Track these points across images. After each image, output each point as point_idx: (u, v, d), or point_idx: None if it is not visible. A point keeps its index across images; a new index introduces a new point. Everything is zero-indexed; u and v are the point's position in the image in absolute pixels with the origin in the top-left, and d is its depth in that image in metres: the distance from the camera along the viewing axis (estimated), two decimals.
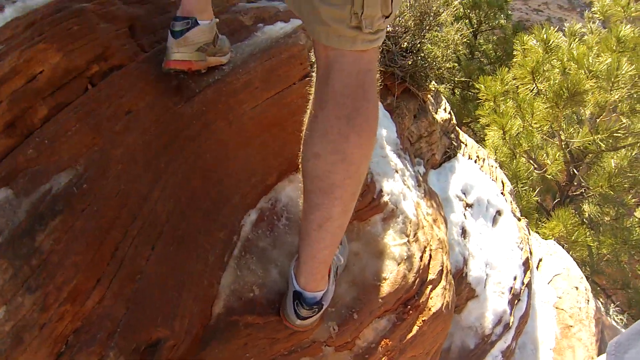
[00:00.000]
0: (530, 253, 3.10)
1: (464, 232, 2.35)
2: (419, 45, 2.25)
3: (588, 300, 3.31)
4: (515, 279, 2.54)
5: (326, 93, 0.95)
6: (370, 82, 0.97)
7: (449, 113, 2.77)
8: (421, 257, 1.63)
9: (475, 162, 2.81)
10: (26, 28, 1.13)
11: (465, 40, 2.70)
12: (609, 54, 4.41)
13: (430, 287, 1.63)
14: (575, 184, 5.59)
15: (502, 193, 2.86)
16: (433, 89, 2.54)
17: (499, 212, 2.71)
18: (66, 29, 1.16)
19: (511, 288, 2.52)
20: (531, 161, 5.51)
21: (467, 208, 2.49)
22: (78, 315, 1.02)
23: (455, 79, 2.53)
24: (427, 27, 2.33)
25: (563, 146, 5.03)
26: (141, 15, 1.36)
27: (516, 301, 2.61)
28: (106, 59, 1.23)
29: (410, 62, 2.17)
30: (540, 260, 3.35)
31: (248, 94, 1.42)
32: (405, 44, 2.27)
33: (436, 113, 2.59)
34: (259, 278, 1.35)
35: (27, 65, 1.09)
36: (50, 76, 1.12)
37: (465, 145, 2.86)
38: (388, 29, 2.24)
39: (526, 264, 2.67)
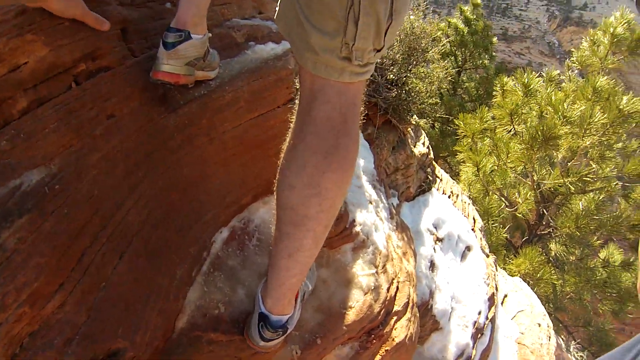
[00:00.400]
0: (496, 289, 3.16)
1: (432, 266, 2.39)
2: (404, 78, 2.32)
3: (550, 337, 3.38)
4: (479, 313, 2.59)
5: (307, 124, 0.94)
6: (352, 117, 0.96)
7: (427, 147, 2.85)
8: (388, 289, 1.65)
9: (449, 197, 2.88)
10: (17, 15, 1.09)
11: (449, 78, 2.79)
12: (584, 102, 4.62)
13: (395, 318, 1.66)
14: (544, 223, 5.76)
15: (472, 229, 2.93)
16: (414, 122, 2.61)
17: (468, 248, 2.77)
18: (57, 23, 1.14)
19: (475, 322, 2.56)
20: (503, 199, 5.66)
21: (437, 242, 2.53)
22: (36, 318, 0.98)
23: (436, 115, 2.61)
24: (414, 62, 2.41)
25: (534, 186, 5.20)
26: (135, 18, 1.35)
27: (479, 335, 2.65)
28: (94, 59, 1.21)
29: (394, 95, 2.23)
30: (505, 296, 3.41)
31: (232, 113, 1.43)
32: (392, 76, 2.34)
33: (414, 147, 2.66)
34: (225, 296, 1.34)
35: (12, 54, 1.06)
36: (35, 68, 1.09)
37: (441, 180, 2.93)
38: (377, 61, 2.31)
39: (491, 300, 2.72)
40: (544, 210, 5.40)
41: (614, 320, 5.33)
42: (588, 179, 4.64)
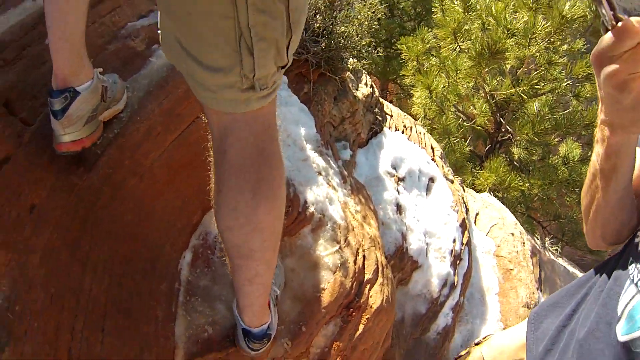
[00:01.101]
0: (467, 211, 3.22)
1: (399, 208, 2.38)
2: (331, 27, 2.18)
3: (524, 243, 3.52)
4: (454, 241, 2.63)
5: (225, 168, 0.89)
6: (270, 141, 0.90)
7: (371, 87, 2.75)
8: (355, 261, 1.66)
9: (403, 132, 2.83)
10: None
11: (379, 15, 2.64)
12: (525, 10, 4.52)
13: (368, 286, 1.68)
14: (502, 130, 5.85)
15: (432, 159, 2.91)
16: (351, 67, 2.49)
17: (431, 179, 2.76)
18: None
19: (452, 251, 2.61)
20: (460, 114, 5.68)
21: (399, 182, 2.51)
22: None
23: (374, 55, 2.48)
24: (339, 8, 2.25)
25: (488, 98, 5.22)
26: (14, 81, 1.18)
27: (458, 261, 2.72)
28: None
29: (323, 46, 2.09)
30: (477, 214, 3.49)
31: (152, 143, 1.34)
32: (317, 25, 2.19)
33: (357, 90, 2.56)
34: (208, 317, 1.37)
35: None
36: None
37: (391, 116, 2.87)
38: None
39: (463, 225, 2.77)
40: (501, 119, 5.46)
41: (579, 211, 5.61)
42: (539, 86, 4.67)
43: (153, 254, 1.32)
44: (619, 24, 0.67)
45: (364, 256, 1.73)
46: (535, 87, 4.51)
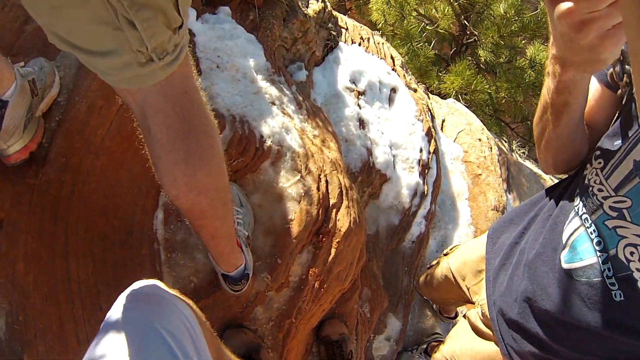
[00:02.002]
0: (433, 118, 3.19)
1: (361, 123, 2.33)
2: None
3: (491, 147, 3.55)
4: (421, 150, 2.62)
5: (154, 143, 0.87)
6: (190, 104, 0.86)
7: (322, 1, 2.56)
8: (318, 187, 1.66)
9: (360, 44, 2.70)
10: None
11: None
12: None
13: (334, 210, 1.70)
14: (468, 32, 5.69)
15: (393, 69, 2.82)
16: None
17: (393, 90, 2.69)
18: None
19: (419, 160, 2.60)
20: (421, 17, 5.46)
21: (360, 97, 2.43)
22: None
23: None
24: None
25: (451, 0, 4.99)
26: None
27: (426, 170, 2.73)
28: None
29: None
30: (443, 121, 3.47)
31: (97, 119, 1.29)
32: None
33: (307, 7, 2.38)
34: (191, 268, 1.42)
35: None
36: None
37: (347, 29, 2.71)
38: None
39: (429, 134, 2.74)
40: (466, 22, 5.28)
41: None
42: None
43: (127, 222, 1.35)
44: None
45: (326, 181, 1.72)
46: None
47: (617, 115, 0.93)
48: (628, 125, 0.83)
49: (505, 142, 4.99)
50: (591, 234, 0.87)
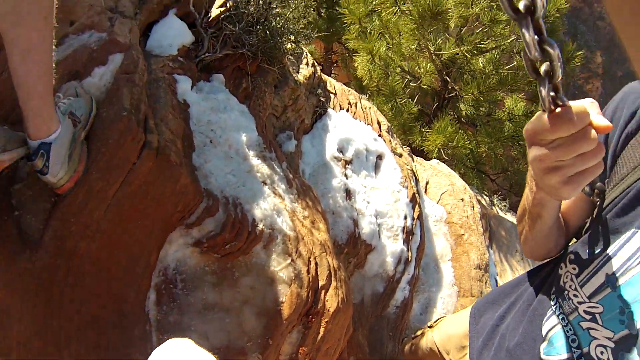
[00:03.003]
0: (417, 181, 3.24)
1: (348, 194, 2.34)
2: (265, 14, 2.02)
3: (473, 206, 3.61)
4: (405, 217, 2.64)
5: None
6: None
7: (313, 65, 2.63)
8: (308, 270, 1.67)
9: (347, 110, 2.75)
10: None
11: None
12: None
13: (323, 292, 1.72)
14: (449, 87, 5.88)
15: (380, 135, 2.87)
16: (290, 48, 2.35)
17: (379, 157, 2.73)
18: None
19: (403, 228, 2.62)
20: (405, 74, 5.64)
21: (347, 166, 2.46)
22: None
23: (312, 35, 2.34)
24: None
25: (433, 57, 5.18)
26: None
27: (410, 236, 2.75)
28: None
29: (257, 38, 1.94)
30: (427, 183, 3.53)
31: (95, 201, 1.27)
32: (252, 9, 2.02)
33: (298, 72, 2.43)
34: None
35: None
36: None
37: (335, 94, 2.77)
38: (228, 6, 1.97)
39: (413, 200, 2.78)
40: (447, 77, 5.47)
41: (526, 163, 5.85)
42: (482, 44, 4.68)
43: (119, 304, 1.32)
44: (557, 109, 0.62)
45: (316, 264, 1.74)
46: (479, 45, 4.53)
47: (589, 221, 1.03)
48: (596, 241, 0.94)
49: (486, 195, 5.09)
50: (567, 331, 0.97)
